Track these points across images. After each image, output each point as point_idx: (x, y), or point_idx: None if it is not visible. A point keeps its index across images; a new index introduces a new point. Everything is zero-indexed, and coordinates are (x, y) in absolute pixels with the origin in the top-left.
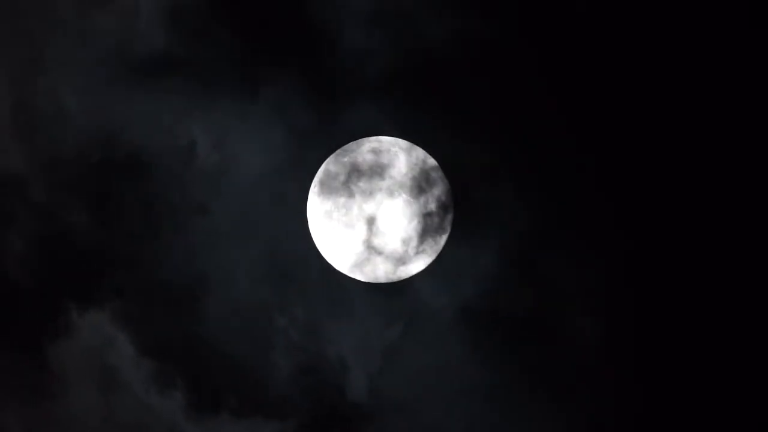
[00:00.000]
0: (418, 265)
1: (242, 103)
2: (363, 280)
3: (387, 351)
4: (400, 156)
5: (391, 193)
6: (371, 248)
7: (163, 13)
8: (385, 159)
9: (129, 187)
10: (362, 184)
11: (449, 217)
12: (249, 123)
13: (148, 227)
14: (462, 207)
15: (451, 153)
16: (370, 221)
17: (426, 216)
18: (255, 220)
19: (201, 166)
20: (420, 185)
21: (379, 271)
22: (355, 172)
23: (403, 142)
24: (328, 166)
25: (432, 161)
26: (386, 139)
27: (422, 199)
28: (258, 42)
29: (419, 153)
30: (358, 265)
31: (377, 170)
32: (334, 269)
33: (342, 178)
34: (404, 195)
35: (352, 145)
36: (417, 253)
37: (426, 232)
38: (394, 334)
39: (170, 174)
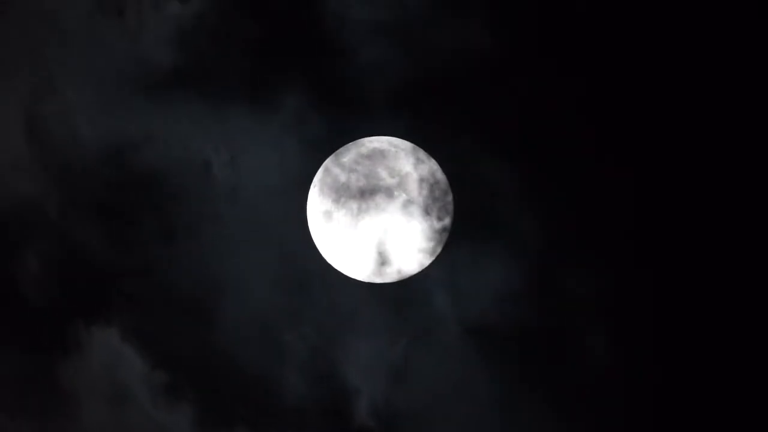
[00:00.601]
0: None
1: (255, 115)
2: (369, 281)
3: (397, 364)
4: (403, 158)
5: (398, 202)
6: (381, 258)
7: (173, 29)
8: (392, 163)
9: (142, 204)
10: (367, 191)
11: (449, 220)
12: (262, 135)
13: (161, 242)
14: (472, 217)
15: (461, 162)
16: (378, 229)
17: (435, 227)
18: (267, 232)
19: (215, 181)
20: (429, 193)
21: (388, 278)
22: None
23: (405, 144)
24: (329, 169)
25: (440, 172)
26: (386, 139)
27: (432, 210)
28: (269, 56)
29: (426, 159)
30: (369, 275)
31: (383, 176)
32: (342, 274)
33: (343, 179)
34: (414, 206)
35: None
36: (429, 262)
37: (435, 241)
38: (404, 346)
39: (184, 190)
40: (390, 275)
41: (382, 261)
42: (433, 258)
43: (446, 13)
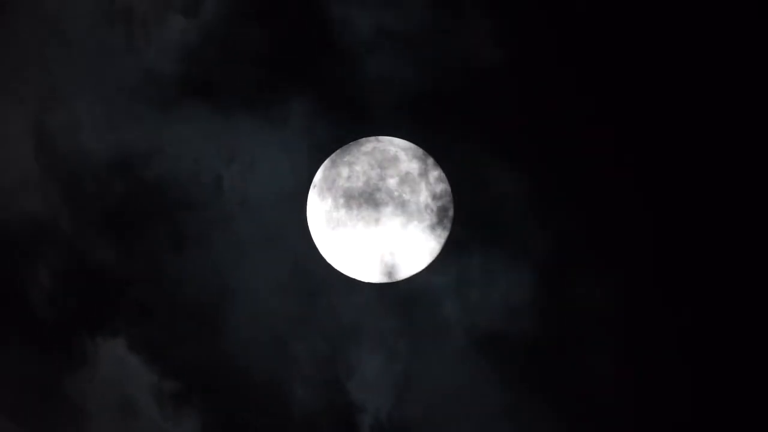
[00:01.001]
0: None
1: (264, 124)
2: (375, 289)
3: (404, 373)
4: (408, 161)
5: (403, 207)
6: (386, 266)
7: (180, 41)
8: (397, 165)
9: (152, 215)
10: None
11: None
12: (270, 144)
13: (170, 252)
14: (480, 225)
15: (469, 169)
16: (382, 235)
17: (442, 234)
18: (276, 240)
19: (224, 190)
20: (435, 200)
21: (394, 285)
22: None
23: (411, 147)
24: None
25: (446, 178)
26: (390, 141)
27: (438, 217)
28: (276, 65)
29: (433, 165)
30: (374, 281)
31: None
32: (347, 280)
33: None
34: (419, 212)
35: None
36: (436, 270)
37: (442, 248)
38: (410, 356)
39: (193, 199)
40: (396, 283)
41: (388, 268)
42: (439, 266)
43: (453, 20)
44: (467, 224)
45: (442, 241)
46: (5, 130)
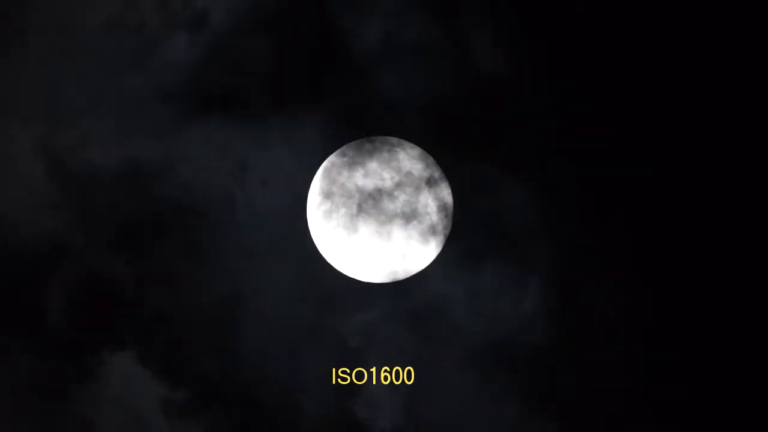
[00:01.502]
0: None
1: (276, 135)
2: (383, 296)
3: (413, 384)
4: (415, 169)
5: (410, 216)
6: (394, 274)
7: (191, 57)
8: (403, 173)
9: (164, 231)
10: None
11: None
12: (283, 155)
13: (183, 264)
14: (487, 234)
15: (476, 179)
16: (390, 243)
17: (449, 243)
18: (287, 250)
19: (237, 202)
20: (442, 208)
21: (402, 294)
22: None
23: (418, 154)
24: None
25: (449, 190)
26: (397, 142)
27: (444, 227)
28: (287, 77)
29: (440, 176)
30: (383, 289)
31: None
32: (356, 281)
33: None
34: (427, 221)
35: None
36: (444, 279)
37: (449, 257)
38: (420, 366)
39: (206, 211)
40: (403, 288)
41: (393, 269)
42: (446, 274)
43: (461, 33)
44: (474, 232)
45: (444, 241)
46: (17, 149)
